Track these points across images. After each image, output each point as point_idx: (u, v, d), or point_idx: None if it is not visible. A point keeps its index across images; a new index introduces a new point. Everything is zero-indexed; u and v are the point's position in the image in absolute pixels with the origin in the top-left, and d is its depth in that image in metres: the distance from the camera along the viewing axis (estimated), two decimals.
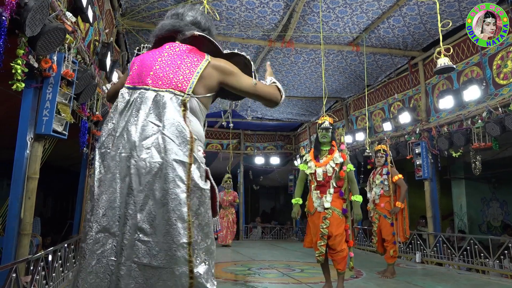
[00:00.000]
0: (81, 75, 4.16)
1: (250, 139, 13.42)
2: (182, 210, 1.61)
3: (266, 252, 8.97)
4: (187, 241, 1.61)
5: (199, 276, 1.65)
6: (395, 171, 5.89)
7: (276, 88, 2.00)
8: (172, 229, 1.60)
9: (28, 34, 3.04)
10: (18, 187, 3.41)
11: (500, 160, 8.15)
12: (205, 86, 1.84)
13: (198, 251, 1.67)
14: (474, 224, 9.63)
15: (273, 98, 1.99)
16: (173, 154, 1.64)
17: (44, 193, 11.56)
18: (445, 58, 4.46)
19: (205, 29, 2.05)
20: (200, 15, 2.07)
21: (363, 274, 5.82)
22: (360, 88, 9.49)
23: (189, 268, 1.61)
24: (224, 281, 5.20)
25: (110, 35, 5.86)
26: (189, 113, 1.77)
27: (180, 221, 1.61)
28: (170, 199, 1.61)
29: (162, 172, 1.63)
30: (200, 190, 1.67)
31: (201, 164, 1.74)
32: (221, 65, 1.91)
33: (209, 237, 1.73)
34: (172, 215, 1.61)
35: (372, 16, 6.54)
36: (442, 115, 7.38)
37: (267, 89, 1.98)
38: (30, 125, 3.50)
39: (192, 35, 1.93)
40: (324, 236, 4.20)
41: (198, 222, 1.67)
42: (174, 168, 1.63)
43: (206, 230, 1.71)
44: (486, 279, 5.70)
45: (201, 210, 1.68)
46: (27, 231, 3.46)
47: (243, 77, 1.93)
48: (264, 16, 6.53)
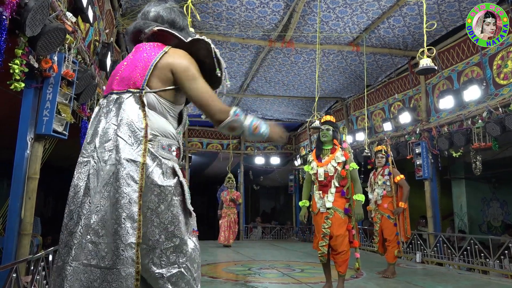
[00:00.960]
0: (81, 75, 4.16)
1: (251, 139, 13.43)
2: (132, 209, 1.59)
3: (266, 252, 8.97)
4: (135, 241, 1.58)
5: (161, 278, 1.62)
6: (396, 172, 5.88)
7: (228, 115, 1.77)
8: (120, 228, 1.58)
9: (28, 34, 3.04)
10: (18, 187, 3.41)
11: (500, 160, 8.15)
12: (161, 79, 1.77)
13: (161, 251, 1.64)
14: (474, 224, 9.62)
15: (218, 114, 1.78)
16: (124, 153, 1.63)
17: (45, 193, 11.57)
18: (427, 59, 4.48)
19: (168, 22, 1.93)
20: (163, 9, 1.95)
21: (363, 274, 5.81)
22: (360, 88, 9.49)
23: (136, 269, 1.58)
24: (225, 281, 5.20)
25: (110, 35, 5.86)
26: (147, 109, 1.73)
27: (129, 220, 1.59)
28: (120, 198, 1.60)
29: (115, 172, 1.63)
30: (159, 188, 1.64)
31: (163, 161, 1.69)
32: (173, 61, 1.79)
33: (176, 236, 1.66)
34: (121, 214, 1.59)
35: (372, 16, 6.54)
36: (442, 115, 7.38)
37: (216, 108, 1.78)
38: (30, 125, 3.50)
39: (152, 31, 1.87)
40: (326, 236, 4.17)
41: (159, 221, 1.65)
42: (124, 167, 1.62)
43: (171, 229, 1.66)
44: (487, 279, 5.70)
45: (162, 208, 1.65)
46: (28, 231, 3.46)
47: (196, 85, 1.77)
48: (264, 16, 6.53)
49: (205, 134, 12.93)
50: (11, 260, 3.21)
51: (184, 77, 1.77)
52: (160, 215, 1.65)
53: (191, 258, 1.70)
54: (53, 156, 4.29)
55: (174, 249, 1.66)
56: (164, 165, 1.69)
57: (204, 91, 1.77)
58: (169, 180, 1.68)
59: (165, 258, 1.64)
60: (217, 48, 1.92)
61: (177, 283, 1.64)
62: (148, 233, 1.64)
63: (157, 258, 1.64)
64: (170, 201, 1.67)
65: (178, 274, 1.65)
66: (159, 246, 1.64)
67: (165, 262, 1.64)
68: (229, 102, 10.80)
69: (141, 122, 1.68)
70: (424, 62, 4.44)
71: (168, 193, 1.67)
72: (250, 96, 10.25)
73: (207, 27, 6.63)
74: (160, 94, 1.77)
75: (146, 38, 1.90)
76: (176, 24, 1.94)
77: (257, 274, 5.85)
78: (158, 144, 1.71)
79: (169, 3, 2.02)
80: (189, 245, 1.70)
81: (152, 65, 1.77)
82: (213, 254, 8.35)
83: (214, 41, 7.43)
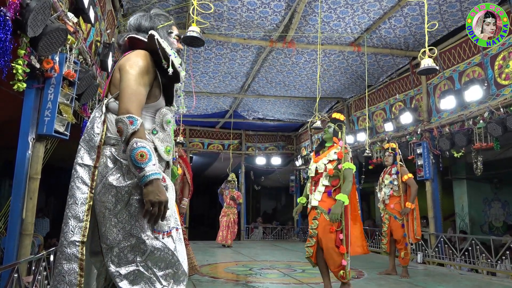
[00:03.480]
0: (82, 76, 4.15)
1: (252, 140, 13.42)
2: (77, 209, 1.71)
3: (268, 252, 8.97)
4: (80, 240, 1.69)
5: (118, 276, 1.66)
6: (405, 170, 5.79)
7: (126, 116, 1.67)
8: (65, 226, 1.71)
9: (30, 34, 3.05)
10: (20, 187, 3.41)
11: (502, 160, 8.14)
12: (115, 84, 1.87)
13: (119, 250, 1.68)
14: (476, 224, 9.61)
15: (119, 110, 1.72)
16: (79, 158, 1.78)
17: (46, 194, 11.58)
18: (429, 59, 4.47)
19: (135, 28, 2.00)
20: (133, 18, 2.03)
21: (364, 275, 5.81)
22: (361, 89, 9.49)
23: (80, 266, 1.68)
24: (226, 281, 5.20)
25: (111, 35, 5.86)
26: (110, 115, 1.83)
27: (75, 219, 1.71)
28: (69, 199, 1.75)
29: (72, 176, 1.78)
30: (115, 188, 1.69)
31: (123, 163, 1.72)
32: (121, 61, 1.86)
33: (133, 235, 1.68)
34: (67, 214, 1.73)
35: (373, 17, 6.54)
36: (443, 116, 7.37)
37: (123, 104, 1.72)
38: (32, 126, 3.50)
39: (126, 42, 1.96)
40: (313, 237, 4.01)
41: (117, 220, 1.69)
42: (77, 171, 1.76)
43: (127, 228, 1.69)
44: (488, 279, 5.69)
45: (118, 207, 1.70)
46: (29, 231, 3.46)
47: (125, 76, 1.77)
48: (266, 17, 6.53)
49: (206, 135, 12.93)
50: (12, 260, 3.21)
51: (122, 70, 1.81)
52: (117, 215, 1.70)
53: (155, 257, 1.70)
54: (55, 156, 4.29)
55: (131, 248, 1.69)
56: (125, 167, 1.72)
57: (127, 85, 1.74)
58: (127, 181, 1.70)
59: (123, 256, 1.68)
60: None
61: (136, 281, 1.67)
62: (106, 232, 1.71)
63: (115, 257, 1.68)
64: (127, 201, 1.70)
65: (136, 272, 1.67)
66: (117, 245, 1.68)
67: (123, 261, 1.68)
68: (230, 102, 10.81)
69: (98, 129, 1.79)
70: (425, 63, 4.43)
71: (125, 193, 1.70)
72: (251, 96, 10.25)
73: (208, 27, 6.63)
74: (118, 99, 1.81)
75: (124, 49, 1.97)
76: (141, 28, 1.98)
77: (258, 274, 5.85)
78: (121, 148, 1.75)
79: (153, 10, 2.07)
80: (152, 244, 1.70)
81: (111, 73, 1.90)
82: (214, 254, 8.35)
83: (215, 42, 7.47)
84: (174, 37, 2.05)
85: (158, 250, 1.71)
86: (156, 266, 1.71)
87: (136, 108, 1.70)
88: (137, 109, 1.70)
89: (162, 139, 1.85)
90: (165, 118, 1.87)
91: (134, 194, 1.70)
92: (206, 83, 9.18)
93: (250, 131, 13.36)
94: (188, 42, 4.37)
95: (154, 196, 1.60)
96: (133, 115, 1.66)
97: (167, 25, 2.03)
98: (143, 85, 1.78)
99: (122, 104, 1.71)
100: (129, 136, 1.63)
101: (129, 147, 1.62)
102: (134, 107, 1.69)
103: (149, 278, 1.68)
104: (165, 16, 2.05)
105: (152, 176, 1.60)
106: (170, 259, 1.73)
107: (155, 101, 1.87)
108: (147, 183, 1.60)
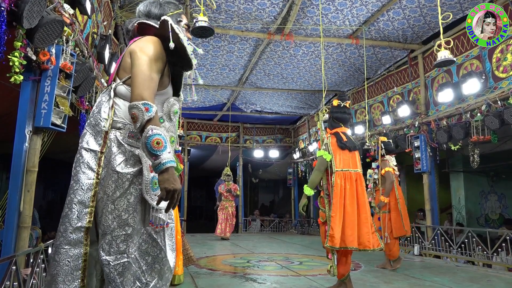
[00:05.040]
0: (79, 68, 4.13)
1: (249, 132, 13.41)
2: (83, 195, 1.68)
3: (265, 245, 9.00)
4: (86, 225, 1.67)
5: (107, 265, 1.63)
6: (385, 164, 5.83)
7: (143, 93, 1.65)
8: (70, 211, 1.68)
9: (26, 26, 3.02)
10: (17, 180, 3.40)
11: (499, 153, 8.16)
12: (125, 68, 1.83)
13: (112, 238, 1.65)
14: (472, 217, 9.66)
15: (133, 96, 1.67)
16: (84, 143, 1.75)
17: (44, 187, 11.57)
18: (445, 51, 4.45)
19: (145, 14, 1.98)
20: (143, 4, 2.01)
21: (361, 267, 5.85)
22: (359, 81, 9.48)
23: (84, 251, 1.67)
24: (223, 274, 5.23)
25: (108, 27, 5.82)
26: (118, 99, 1.79)
27: (80, 204, 1.68)
28: (74, 183, 1.71)
29: (77, 161, 1.76)
30: (117, 174, 1.67)
31: (127, 148, 1.71)
32: (133, 45, 1.82)
33: (130, 225, 1.66)
34: (73, 198, 1.69)
35: (371, 9, 6.51)
36: (441, 108, 7.37)
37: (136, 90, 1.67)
38: (28, 118, 3.48)
39: (135, 27, 1.94)
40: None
41: (114, 207, 1.66)
42: (82, 155, 1.74)
43: (124, 217, 1.66)
44: (484, 271, 5.73)
45: (117, 194, 1.66)
46: (27, 224, 3.45)
47: (138, 61, 1.73)
48: (263, 9, 6.49)
49: (204, 127, 12.92)
50: (10, 253, 3.21)
51: (134, 55, 1.77)
52: (115, 202, 1.66)
53: (142, 250, 1.69)
54: (52, 149, 4.28)
55: (125, 237, 1.65)
56: (129, 153, 1.70)
57: (140, 70, 1.70)
58: (129, 168, 1.68)
59: (114, 245, 1.65)
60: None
61: (123, 273, 1.64)
62: (102, 218, 1.67)
63: (107, 245, 1.65)
64: (126, 189, 1.67)
65: (126, 264, 1.64)
66: (110, 233, 1.65)
67: (114, 250, 1.64)
68: (228, 95, 10.78)
69: (105, 113, 1.76)
70: (442, 55, 4.39)
71: (126, 180, 1.67)
72: (249, 89, 10.22)
73: (205, 19, 6.57)
74: (128, 83, 1.79)
75: (133, 35, 1.96)
76: (151, 14, 1.96)
77: (256, 266, 5.88)
78: (126, 132, 1.73)
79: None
80: (143, 237, 1.69)
81: (121, 57, 1.85)
82: (212, 247, 8.38)
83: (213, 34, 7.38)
84: (183, 26, 2.03)
85: (146, 243, 1.69)
86: (143, 260, 1.69)
87: (150, 95, 1.66)
88: (151, 96, 1.66)
89: (168, 129, 1.82)
90: (173, 108, 1.86)
91: (134, 183, 1.68)
92: (203, 76, 9.15)
93: (248, 124, 13.34)
94: (199, 33, 4.35)
95: (170, 184, 1.55)
96: (148, 101, 1.62)
97: (177, 13, 2.01)
98: (156, 71, 1.75)
99: (136, 89, 1.65)
100: (145, 123, 1.59)
101: (145, 134, 1.57)
102: (148, 93, 1.65)
103: (135, 272, 1.67)
104: (174, 4, 2.03)
105: (168, 163, 1.56)
106: (157, 253, 1.72)
107: (163, 89, 1.84)
108: (163, 171, 1.56)
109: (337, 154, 3.96)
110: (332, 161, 3.93)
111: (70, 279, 1.65)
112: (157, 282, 1.70)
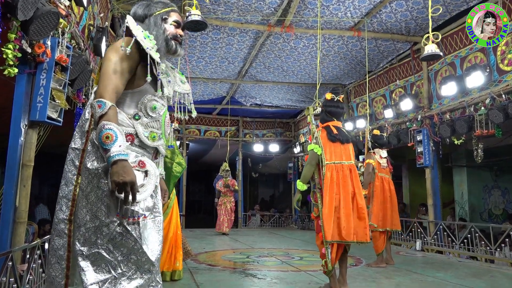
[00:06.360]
0: (75, 61, 4.05)
1: (249, 126, 13.32)
2: (66, 189, 1.89)
3: (265, 240, 8.97)
4: (67, 217, 1.86)
5: (81, 255, 1.74)
6: (368, 156, 5.76)
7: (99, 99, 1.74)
8: (57, 205, 1.90)
9: (21, 18, 2.95)
10: (12, 175, 3.36)
11: (503, 147, 8.09)
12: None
13: (85, 230, 1.76)
14: (475, 212, 9.62)
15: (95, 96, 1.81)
16: (72, 143, 1.93)
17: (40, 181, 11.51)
18: (432, 45, 4.39)
19: (141, 15, 2.05)
20: (138, 6, 2.10)
21: (362, 262, 5.80)
22: (361, 74, 9.38)
23: (68, 241, 1.85)
24: (223, 269, 5.18)
25: (105, 19, 5.72)
26: None
27: (64, 199, 1.89)
28: (62, 179, 1.92)
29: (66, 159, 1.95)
30: (88, 170, 1.77)
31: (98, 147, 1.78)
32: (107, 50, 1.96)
33: (98, 217, 1.74)
34: (60, 194, 1.90)
35: (374, 0, 6.40)
36: (444, 102, 7.29)
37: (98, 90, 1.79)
38: (24, 112, 3.43)
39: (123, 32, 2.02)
40: None
41: (87, 201, 1.77)
42: (69, 154, 1.93)
43: (94, 210, 1.75)
44: (487, 267, 5.69)
45: (88, 189, 1.77)
46: (23, 219, 3.42)
47: (103, 64, 1.86)
48: (263, 0, 6.38)
49: (203, 121, 12.83)
50: (6, 248, 3.17)
51: (102, 59, 1.93)
52: (87, 196, 1.77)
53: (116, 242, 1.73)
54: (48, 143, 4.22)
55: (95, 229, 1.75)
56: (99, 152, 1.78)
57: (103, 72, 1.82)
58: (99, 164, 1.76)
59: (87, 236, 1.75)
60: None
61: (96, 262, 1.73)
62: (77, 211, 1.82)
63: (81, 236, 1.77)
64: (95, 184, 1.76)
65: (96, 254, 1.73)
66: (84, 225, 1.76)
67: (87, 241, 1.75)
68: (228, 88, 10.68)
69: (88, 114, 1.90)
70: (429, 48, 4.34)
71: (95, 176, 1.76)
72: (249, 82, 10.12)
73: (204, 11, 6.48)
74: None
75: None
76: (136, 16, 2.05)
77: (255, 262, 5.84)
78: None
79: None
80: (115, 229, 1.73)
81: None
82: (212, 242, 8.35)
83: (211, 26, 7.30)
84: (171, 23, 2.06)
85: (120, 235, 1.73)
86: (118, 251, 1.74)
87: (109, 93, 1.75)
88: (110, 94, 1.75)
89: (146, 125, 1.91)
90: (149, 104, 1.92)
91: (102, 178, 1.74)
92: (202, 69, 9.05)
93: (248, 118, 13.25)
94: (192, 27, 4.31)
95: (118, 176, 1.60)
96: (102, 99, 1.71)
97: (164, 11, 2.06)
98: (120, 72, 1.83)
99: (97, 90, 1.79)
100: (98, 119, 1.69)
101: (97, 130, 1.67)
102: (105, 92, 1.75)
103: (110, 262, 1.73)
104: (163, 3, 2.09)
105: (117, 156, 1.62)
106: (132, 245, 1.74)
107: (137, 88, 1.91)
108: (112, 164, 1.62)
109: (327, 147, 3.91)
110: (322, 154, 3.89)
111: (59, 267, 1.87)
112: (134, 272, 1.75)
